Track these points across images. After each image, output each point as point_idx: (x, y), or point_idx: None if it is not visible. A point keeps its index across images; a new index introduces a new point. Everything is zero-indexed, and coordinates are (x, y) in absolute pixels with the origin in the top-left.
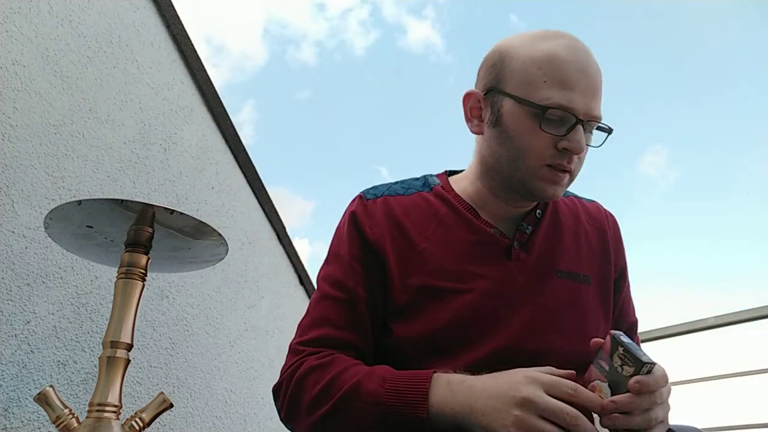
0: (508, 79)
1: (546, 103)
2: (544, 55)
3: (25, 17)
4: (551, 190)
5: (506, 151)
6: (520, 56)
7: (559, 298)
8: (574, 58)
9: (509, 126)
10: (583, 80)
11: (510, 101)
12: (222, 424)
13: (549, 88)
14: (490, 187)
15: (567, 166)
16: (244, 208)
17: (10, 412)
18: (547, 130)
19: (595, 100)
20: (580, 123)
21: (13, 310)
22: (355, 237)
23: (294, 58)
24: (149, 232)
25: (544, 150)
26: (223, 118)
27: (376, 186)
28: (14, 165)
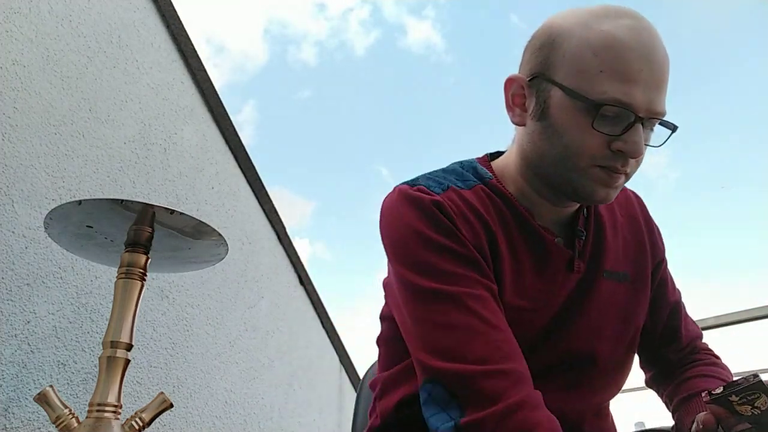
0: (559, 65)
1: (601, 97)
2: (603, 38)
3: (25, 17)
4: (603, 192)
5: (552, 148)
6: (574, 39)
7: (605, 302)
8: (638, 44)
9: (557, 120)
10: (646, 70)
11: (559, 92)
12: (222, 424)
13: (606, 79)
14: (534, 186)
15: (621, 170)
16: (244, 208)
17: (10, 412)
18: (601, 129)
19: (659, 93)
20: (640, 121)
21: (13, 310)
22: (453, 230)
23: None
24: (149, 232)
25: (595, 150)
26: (223, 118)
27: (427, 177)
28: (14, 165)
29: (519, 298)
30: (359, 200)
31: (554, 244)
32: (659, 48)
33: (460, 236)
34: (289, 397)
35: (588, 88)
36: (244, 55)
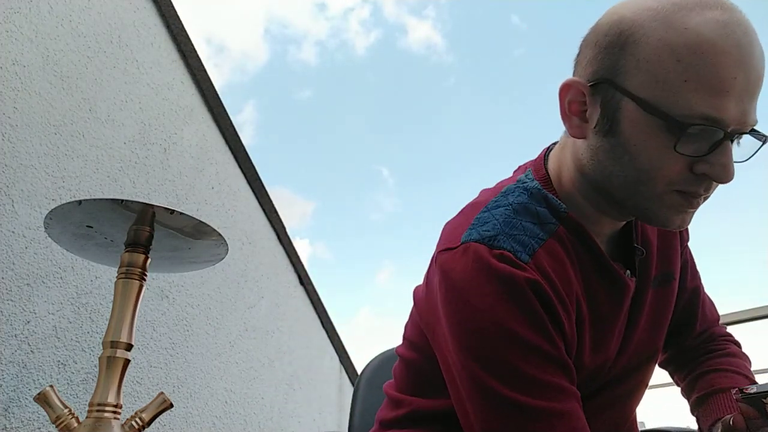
0: (632, 71)
1: (688, 113)
2: (688, 40)
3: (25, 17)
4: (678, 220)
5: (622, 170)
6: (652, 39)
7: (654, 310)
8: (732, 45)
9: (629, 139)
10: (741, 78)
11: (632, 104)
12: (222, 424)
13: (693, 91)
14: (596, 204)
15: (703, 194)
16: (244, 208)
17: (10, 412)
18: (685, 152)
19: (753, 102)
20: (729, 138)
21: (13, 310)
22: (547, 323)
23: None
24: (149, 232)
25: (675, 174)
26: (223, 118)
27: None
28: (14, 165)
29: (599, 353)
30: (360, 200)
31: (627, 279)
32: (756, 47)
33: (554, 330)
34: (289, 397)
35: (670, 103)
36: (244, 55)
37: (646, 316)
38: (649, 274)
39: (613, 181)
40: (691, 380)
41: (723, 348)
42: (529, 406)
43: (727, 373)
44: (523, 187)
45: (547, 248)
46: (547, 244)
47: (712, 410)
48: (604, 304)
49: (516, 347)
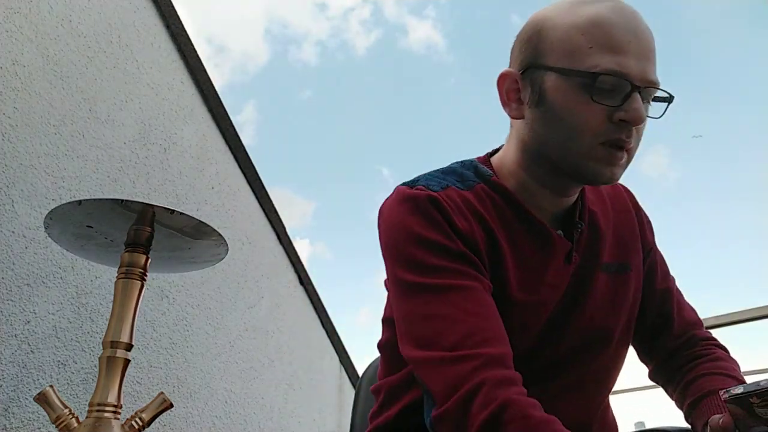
0: (549, 51)
1: (595, 70)
2: (588, 19)
3: (25, 17)
4: (608, 172)
5: (554, 132)
6: (559, 25)
7: (606, 295)
8: (622, 18)
9: (555, 103)
10: (634, 42)
11: (553, 75)
12: (222, 424)
13: (596, 53)
14: (536, 176)
15: (626, 141)
16: (244, 208)
17: (10, 412)
18: (601, 101)
19: (650, 63)
20: (637, 90)
21: (13, 310)
22: (445, 226)
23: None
24: (149, 232)
25: (598, 125)
26: (223, 118)
27: (426, 177)
28: (14, 165)
29: (527, 293)
30: (360, 200)
31: (557, 236)
32: (643, 23)
33: (452, 232)
34: (289, 397)
35: (581, 65)
36: (244, 55)
37: (596, 297)
38: (598, 257)
39: (549, 145)
40: (681, 389)
41: (709, 353)
42: (429, 284)
43: (715, 376)
44: (460, 161)
45: (460, 192)
46: (462, 192)
47: (704, 413)
48: (529, 250)
49: (420, 244)
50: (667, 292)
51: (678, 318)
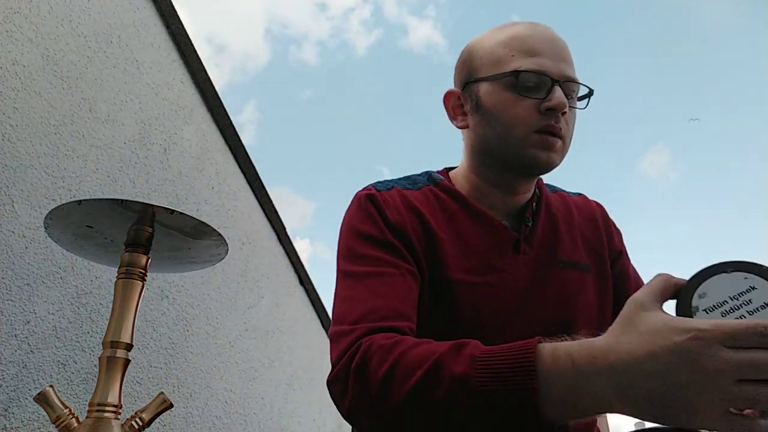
0: (479, 66)
1: (518, 69)
2: (507, 35)
3: (25, 17)
4: (545, 156)
5: (493, 129)
6: (485, 44)
7: (568, 291)
8: (537, 32)
9: (490, 105)
10: (549, 47)
11: (485, 84)
12: (222, 424)
13: (517, 59)
14: (487, 177)
15: (556, 127)
16: (244, 208)
17: (10, 412)
18: (527, 95)
19: (566, 64)
20: (557, 83)
21: (13, 310)
22: (378, 217)
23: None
24: (149, 232)
25: (528, 116)
26: (223, 118)
27: (382, 181)
28: (14, 165)
29: (466, 273)
30: None
31: (500, 224)
32: (557, 35)
33: (383, 223)
34: (289, 397)
35: (506, 69)
36: (245, 55)
37: (551, 290)
38: (554, 254)
39: (491, 142)
40: None
41: None
42: (355, 272)
43: None
44: (423, 171)
45: (404, 192)
46: (407, 191)
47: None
48: (473, 238)
49: (355, 236)
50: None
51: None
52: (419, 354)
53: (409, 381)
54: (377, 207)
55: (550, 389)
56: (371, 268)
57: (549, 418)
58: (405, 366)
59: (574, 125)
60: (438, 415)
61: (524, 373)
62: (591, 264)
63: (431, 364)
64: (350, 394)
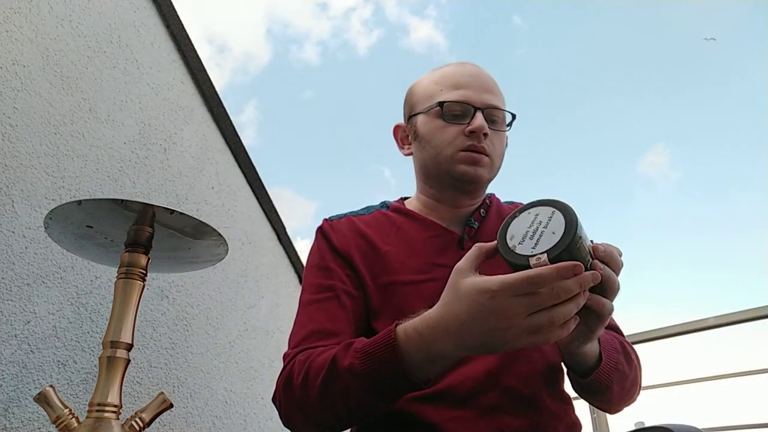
0: (417, 102)
1: (444, 100)
2: (439, 75)
3: (25, 17)
4: (472, 170)
5: (427, 152)
6: (422, 83)
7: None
8: (464, 69)
9: (424, 132)
10: (473, 81)
11: (421, 115)
12: (222, 424)
13: (445, 92)
14: (432, 195)
15: (479, 146)
16: (244, 208)
17: (10, 412)
18: (452, 122)
19: (490, 95)
20: (479, 111)
21: (13, 310)
22: (325, 246)
23: (297, 57)
24: (149, 232)
25: (455, 139)
26: (223, 118)
27: (339, 213)
28: (14, 165)
29: (412, 273)
30: (361, 200)
31: (445, 228)
32: (484, 73)
33: (329, 250)
34: None
35: (435, 101)
36: (246, 55)
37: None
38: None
39: (428, 163)
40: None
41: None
42: (303, 300)
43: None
44: (383, 201)
45: (352, 219)
46: (359, 217)
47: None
48: (420, 243)
49: (308, 266)
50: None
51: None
52: (322, 359)
53: (317, 379)
54: (325, 236)
55: (411, 358)
56: (312, 295)
57: (418, 377)
58: (313, 370)
59: (504, 146)
60: (342, 398)
61: (390, 352)
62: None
63: (329, 364)
64: (283, 403)
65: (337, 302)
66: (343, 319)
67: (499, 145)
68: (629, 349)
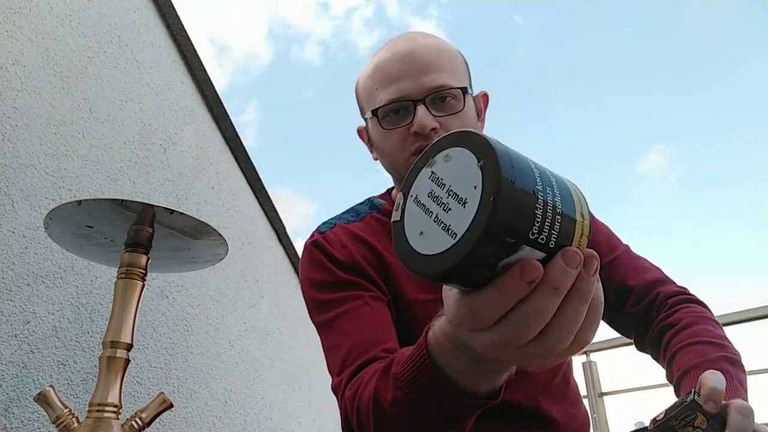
0: (362, 104)
1: (379, 104)
2: (372, 66)
3: (25, 17)
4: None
5: (384, 161)
6: (361, 80)
7: None
8: (393, 53)
9: (375, 140)
10: (406, 66)
11: (369, 120)
12: (222, 424)
13: (380, 91)
14: None
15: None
16: (244, 208)
17: (10, 412)
18: (391, 126)
19: (428, 75)
20: (420, 102)
21: (13, 310)
22: (325, 261)
23: (298, 57)
24: (149, 232)
25: (402, 143)
26: (223, 118)
27: (326, 221)
28: (14, 165)
29: (420, 292)
30: None
31: None
32: (417, 47)
33: (332, 265)
34: (289, 397)
35: (374, 105)
36: (247, 55)
37: None
38: None
39: (389, 171)
40: (667, 370)
41: (676, 320)
42: (324, 320)
43: (687, 349)
44: (366, 199)
45: (347, 227)
46: (351, 224)
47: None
48: None
49: (312, 286)
50: (614, 263)
51: (636, 282)
52: (366, 396)
53: (370, 419)
54: (323, 251)
55: (455, 370)
56: (336, 310)
57: (478, 390)
58: (363, 412)
59: (467, 122)
60: (401, 426)
61: (429, 373)
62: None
63: (373, 401)
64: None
65: (369, 308)
66: (379, 321)
67: (461, 126)
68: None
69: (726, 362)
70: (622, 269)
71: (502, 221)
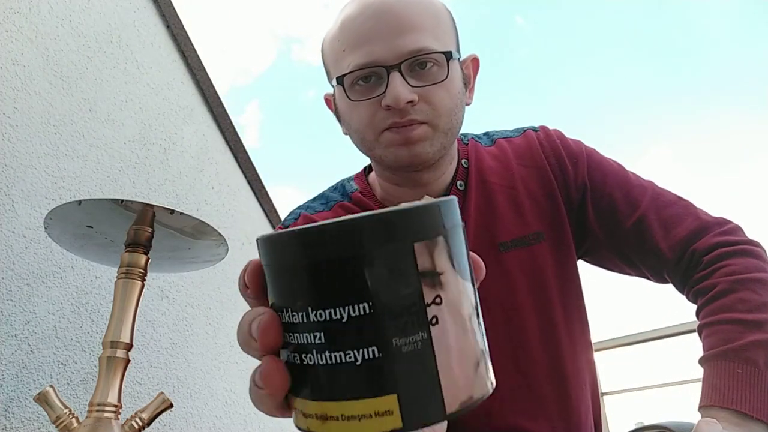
0: (328, 66)
1: (347, 71)
2: (339, 23)
3: (25, 17)
4: (405, 152)
5: (354, 137)
6: (327, 39)
7: (504, 277)
8: (364, 8)
9: (342, 110)
10: (377, 25)
11: (336, 87)
12: (222, 424)
13: (349, 53)
14: (387, 178)
15: (403, 121)
16: (244, 208)
17: (10, 412)
18: (359, 97)
19: (404, 36)
20: (394, 69)
21: (13, 310)
22: None
23: (299, 57)
24: (149, 232)
25: (371, 117)
26: (223, 118)
27: (292, 211)
28: (14, 165)
29: None
30: None
31: None
32: (391, 1)
33: None
34: None
35: (342, 71)
36: (249, 55)
37: (493, 280)
38: (492, 237)
39: (359, 147)
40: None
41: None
42: None
43: (714, 328)
44: (338, 182)
45: (311, 217)
46: (317, 214)
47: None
48: None
49: None
50: (640, 224)
51: (667, 243)
52: None
53: None
54: None
55: None
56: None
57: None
58: None
59: (453, 94)
60: None
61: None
62: (544, 228)
63: None
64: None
65: None
66: None
67: (444, 98)
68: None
69: (757, 349)
70: (650, 231)
71: None
